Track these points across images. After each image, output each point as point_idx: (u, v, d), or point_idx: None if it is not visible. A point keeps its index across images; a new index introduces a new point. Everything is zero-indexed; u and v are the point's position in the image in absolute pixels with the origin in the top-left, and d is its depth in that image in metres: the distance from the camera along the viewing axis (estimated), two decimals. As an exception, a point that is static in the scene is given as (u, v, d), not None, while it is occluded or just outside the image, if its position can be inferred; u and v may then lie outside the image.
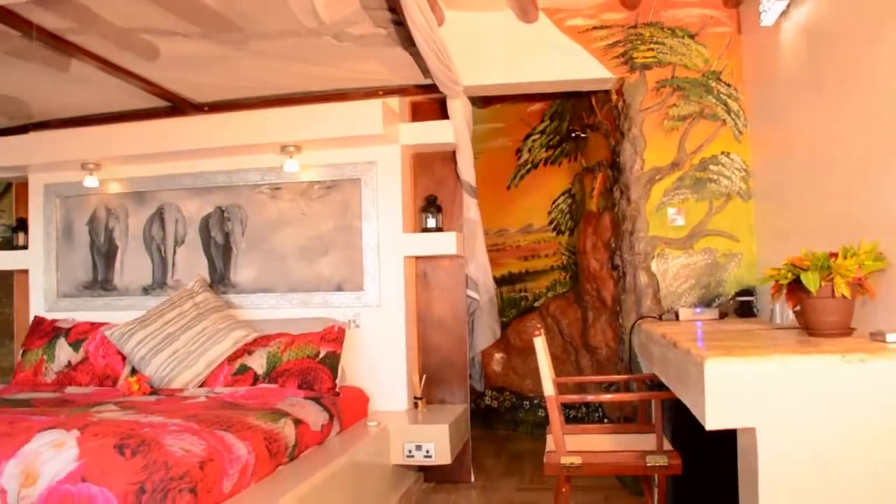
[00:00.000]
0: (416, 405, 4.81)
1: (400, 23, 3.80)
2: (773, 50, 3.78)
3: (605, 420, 5.27)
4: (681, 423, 3.37)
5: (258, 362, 4.46)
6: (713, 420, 2.12)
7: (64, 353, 4.84)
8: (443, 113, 4.93)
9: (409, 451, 4.35)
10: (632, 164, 4.50)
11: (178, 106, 5.01)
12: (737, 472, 2.35)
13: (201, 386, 4.46)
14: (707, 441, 2.64)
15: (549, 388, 3.16)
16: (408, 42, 4.02)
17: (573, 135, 5.97)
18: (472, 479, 4.92)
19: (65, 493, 2.57)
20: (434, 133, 4.86)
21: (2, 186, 6.72)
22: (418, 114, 5.08)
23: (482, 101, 6.26)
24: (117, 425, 2.89)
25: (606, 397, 3.77)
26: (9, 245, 6.24)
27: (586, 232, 5.42)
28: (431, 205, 4.90)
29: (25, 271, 5.68)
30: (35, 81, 4.58)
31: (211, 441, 2.87)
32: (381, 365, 4.82)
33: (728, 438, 2.37)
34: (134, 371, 4.63)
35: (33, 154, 5.25)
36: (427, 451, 4.33)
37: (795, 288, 2.57)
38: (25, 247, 5.63)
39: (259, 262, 5.05)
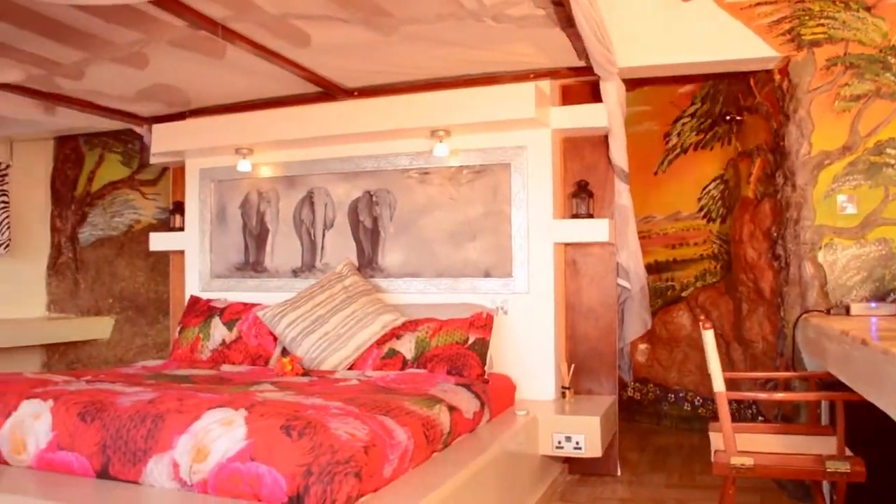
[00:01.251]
0: (563, 395, 4.70)
1: (558, 3, 3.69)
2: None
3: (760, 418, 5.01)
4: (857, 425, 3.14)
5: (406, 347, 4.47)
6: (924, 428, 1.93)
7: (219, 332, 5.00)
8: (593, 96, 4.78)
9: (559, 443, 4.25)
10: (798, 149, 4.24)
11: (328, 91, 5.06)
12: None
13: (350, 368, 4.51)
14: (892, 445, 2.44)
15: (718, 384, 3.01)
16: (565, 23, 3.90)
17: (728, 118, 5.69)
18: (619, 472, 4.79)
19: (234, 470, 2.62)
20: (586, 117, 4.72)
21: (157, 171, 7.02)
22: (568, 97, 4.95)
23: (629, 84, 6.03)
24: (283, 406, 2.92)
25: (780, 396, 3.55)
26: (165, 227, 6.52)
27: (742, 219, 5.16)
28: (582, 190, 4.77)
29: (181, 252, 5.92)
30: (192, 70, 4.72)
31: (373, 426, 2.86)
32: (529, 353, 4.73)
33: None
34: (284, 351, 4.73)
35: (190, 140, 5.45)
36: (577, 443, 4.23)
37: None
38: (182, 229, 5.85)
39: (407, 246, 5.06)
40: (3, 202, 6.74)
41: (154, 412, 2.90)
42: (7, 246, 6.76)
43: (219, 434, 2.72)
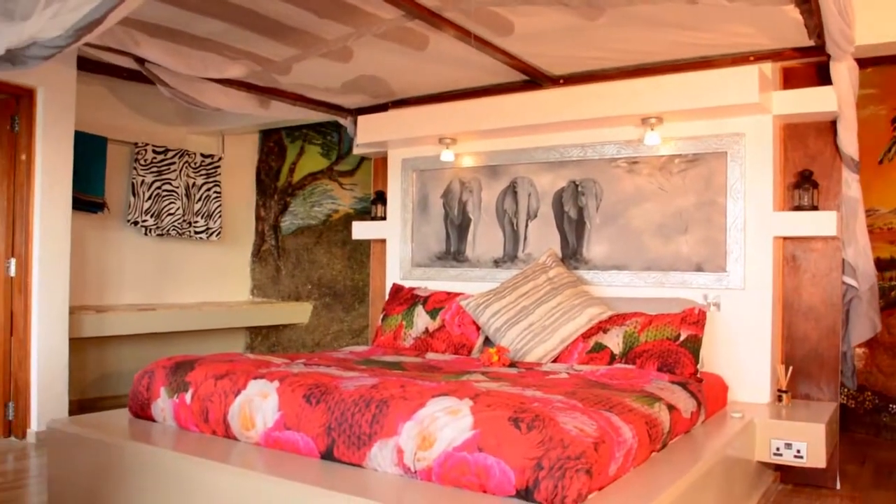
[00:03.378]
0: (779, 398, 4.40)
1: (795, -24, 3.43)
2: None
3: None
4: None
5: (614, 341, 4.32)
6: None
7: (422, 320, 5.05)
8: (819, 78, 4.44)
9: (777, 449, 3.98)
10: None
11: (533, 79, 4.98)
12: None
13: (554, 361, 4.42)
14: None
15: None
16: (801, -3, 3.62)
17: (972, 100, 5.15)
18: (838, 486, 4.43)
19: (460, 459, 2.60)
20: (812, 101, 4.35)
21: (354, 162, 7.21)
22: (789, 80, 4.60)
23: (852, 64, 5.61)
24: (507, 398, 2.88)
25: None
26: (362, 217, 6.69)
27: None
28: (806, 180, 4.43)
29: (381, 241, 6.04)
30: (396, 61, 4.79)
31: (600, 422, 2.76)
32: (742, 352, 4.46)
33: None
34: (487, 341, 4.71)
35: (394, 130, 5.53)
36: (798, 451, 3.94)
37: None
38: (384, 218, 5.97)
39: (613, 238, 4.90)
40: (216, 192, 7.15)
41: (378, 398, 2.93)
42: (219, 233, 7.17)
43: (445, 423, 2.70)
